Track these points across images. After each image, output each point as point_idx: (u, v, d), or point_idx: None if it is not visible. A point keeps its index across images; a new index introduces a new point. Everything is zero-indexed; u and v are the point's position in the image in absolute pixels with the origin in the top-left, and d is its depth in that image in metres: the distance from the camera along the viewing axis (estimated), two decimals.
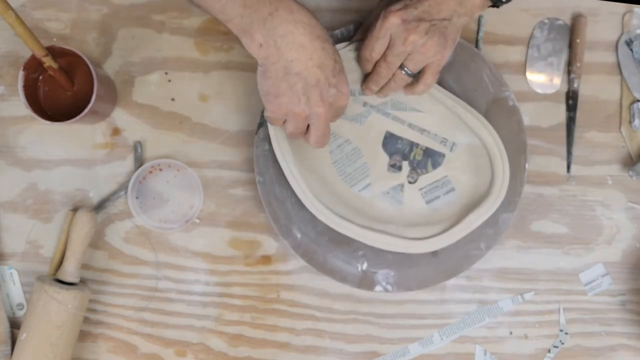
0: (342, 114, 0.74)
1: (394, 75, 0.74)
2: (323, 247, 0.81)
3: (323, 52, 0.67)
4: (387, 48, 0.72)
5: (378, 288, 0.81)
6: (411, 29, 0.69)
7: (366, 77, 0.77)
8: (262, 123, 0.80)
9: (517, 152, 0.81)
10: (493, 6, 0.72)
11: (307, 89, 0.68)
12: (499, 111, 0.81)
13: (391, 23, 0.70)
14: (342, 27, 0.81)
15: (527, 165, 0.81)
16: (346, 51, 0.77)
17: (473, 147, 0.81)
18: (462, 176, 0.82)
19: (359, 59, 0.76)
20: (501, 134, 0.80)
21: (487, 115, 0.81)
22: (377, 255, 0.81)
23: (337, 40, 0.80)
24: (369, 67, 0.76)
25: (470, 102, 0.81)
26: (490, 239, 0.81)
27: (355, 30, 0.81)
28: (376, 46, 0.72)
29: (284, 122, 0.72)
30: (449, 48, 0.72)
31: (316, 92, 0.68)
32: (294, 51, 0.66)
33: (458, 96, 0.80)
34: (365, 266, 0.81)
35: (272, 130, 0.77)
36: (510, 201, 0.81)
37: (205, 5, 0.66)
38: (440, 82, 0.80)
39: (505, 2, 0.71)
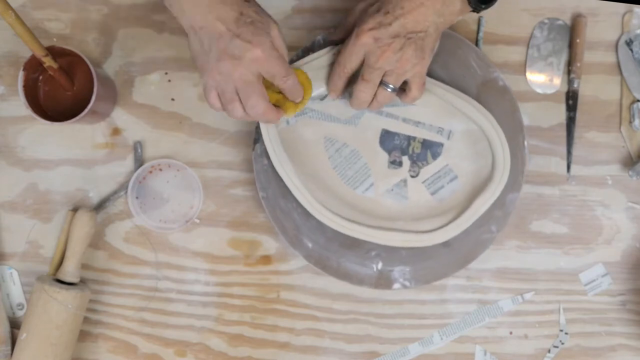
0: (277, 75, 0.69)
1: (376, 93, 0.73)
2: (335, 252, 0.81)
3: (222, 4, 0.66)
4: (364, 67, 0.71)
5: (396, 285, 0.81)
6: (384, 46, 0.68)
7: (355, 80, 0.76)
8: (258, 139, 0.80)
9: (514, 131, 0.81)
10: (473, 11, 0.71)
11: (212, 44, 0.66)
12: (490, 93, 0.81)
13: (363, 42, 0.69)
14: (324, 32, 0.80)
15: (525, 143, 0.81)
16: (330, 56, 0.76)
17: (470, 133, 0.81)
18: (463, 163, 0.82)
19: (331, 74, 0.75)
20: (495, 115, 0.79)
21: (479, 98, 0.80)
22: (390, 254, 0.81)
23: (320, 46, 0.80)
24: (340, 83, 0.75)
25: (461, 88, 0.80)
26: (499, 221, 0.81)
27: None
28: (348, 63, 0.72)
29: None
30: (427, 58, 0.71)
31: (220, 45, 0.66)
32: (192, 7, 0.66)
33: (447, 84, 0.80)
34: (380, 266, 0.81)
35: (269, 144, 0.77)
36: (514, 181, 0.80)
37: None
38: (429, 72, 0.79)
39: (485, 8, 0.70)
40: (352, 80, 0.75)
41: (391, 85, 0.72)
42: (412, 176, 0.82)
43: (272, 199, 0.80)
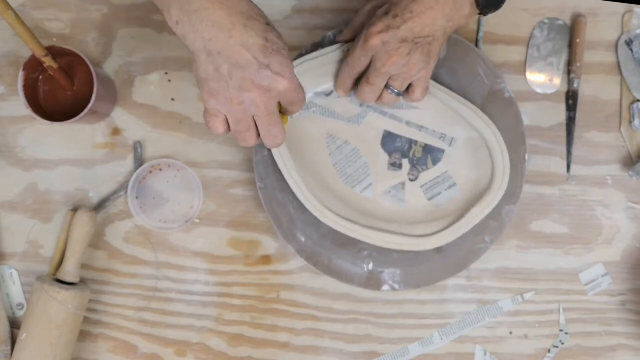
0: (296, 104, 0.66)
1: (381, 96, 0.74)
2: (327, 249, 0.81)
3: (246, 29, 0.59)
4: (369, 69, 0.71)
5: (385, 287, 0.81)
6: (392, 51, 0.68)
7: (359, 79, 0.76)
8: None
9: (516, 144, 0.81)
10: (480, 14, 0.71)
11: (233, 72, 0.61)
12: (495, 104, 0.81)
13: (372, 45, 0.68)
14: (335, 29, 0.81)
15: (527, 156, 0.81)
16: (339, 52, 0.77)
17: (472, 141, 0.81)
18: (462, 171, 0.82)
19: (339, 75, 0.75)
20: (499, 126, 0.80)
21: (484, 108, 0.80)
22: (382, 255, 0.81)
23: (330, 43, 0.80)
24: (349, 82, 0.75)
25: (467, 97, 0.80)
26: (494, 232, 0.81)
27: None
28: (357, 65, 0.72)
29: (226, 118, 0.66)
30: (432, 63, 0.71)
31: (244, 74, 0.61)
32: (210, 28, 0.59)
33: (454, 91, 0.80)
34: (371, 266, 0.81)
35: None
36: (512, 193, 0.80)
37: None
38: (436, 78, 0.79)
39: (493, 11, 0.70)
40: (360, 77, 0.75)
41: (396, 90, 0.73)
42: (411, 180, 0.82)
43: (269, 190, 0.80)
